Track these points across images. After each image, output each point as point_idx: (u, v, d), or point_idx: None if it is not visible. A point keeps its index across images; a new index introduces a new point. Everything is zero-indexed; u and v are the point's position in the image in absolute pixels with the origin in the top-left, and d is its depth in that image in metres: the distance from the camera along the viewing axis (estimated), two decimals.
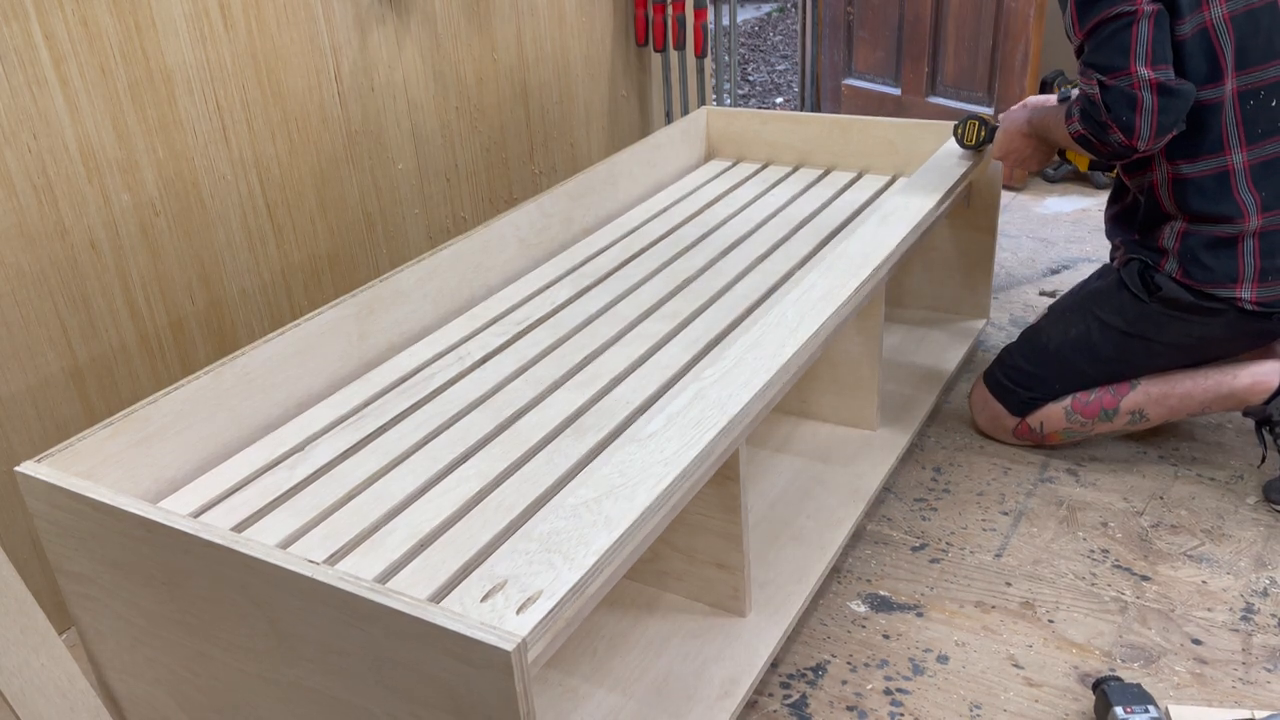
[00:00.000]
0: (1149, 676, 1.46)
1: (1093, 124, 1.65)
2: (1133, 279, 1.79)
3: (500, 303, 1.85)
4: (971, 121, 2.06)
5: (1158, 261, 1.77)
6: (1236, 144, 1.69)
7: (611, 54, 2.66)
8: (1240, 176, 1.69)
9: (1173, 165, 1.72)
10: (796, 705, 1.45)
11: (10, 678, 1.14)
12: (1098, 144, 1.67)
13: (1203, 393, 1.82)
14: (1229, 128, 1.68)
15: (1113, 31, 1.62)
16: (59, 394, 1.57)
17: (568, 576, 1.00)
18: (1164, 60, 1.61)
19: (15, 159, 1.46)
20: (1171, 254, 1.75)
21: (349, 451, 1.44)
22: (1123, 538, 1.73)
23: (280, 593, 1.03)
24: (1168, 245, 1.75)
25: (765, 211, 2.18)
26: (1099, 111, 1.63)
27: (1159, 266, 1.77)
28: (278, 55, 1.80)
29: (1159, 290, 1.76)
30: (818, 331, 1.46)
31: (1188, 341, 1.80)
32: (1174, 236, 1.74)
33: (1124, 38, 1.60)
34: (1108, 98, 1.62)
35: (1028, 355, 1.92)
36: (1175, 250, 1.74)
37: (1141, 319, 1.80)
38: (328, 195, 1.95)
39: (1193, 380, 1.83)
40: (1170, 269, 1.75)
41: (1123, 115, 1.61)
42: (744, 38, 5.99)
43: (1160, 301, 1.77)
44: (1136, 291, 1.79)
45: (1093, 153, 1.71)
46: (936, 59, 3.35)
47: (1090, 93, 1.64)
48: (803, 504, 1.73)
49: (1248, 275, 1.70)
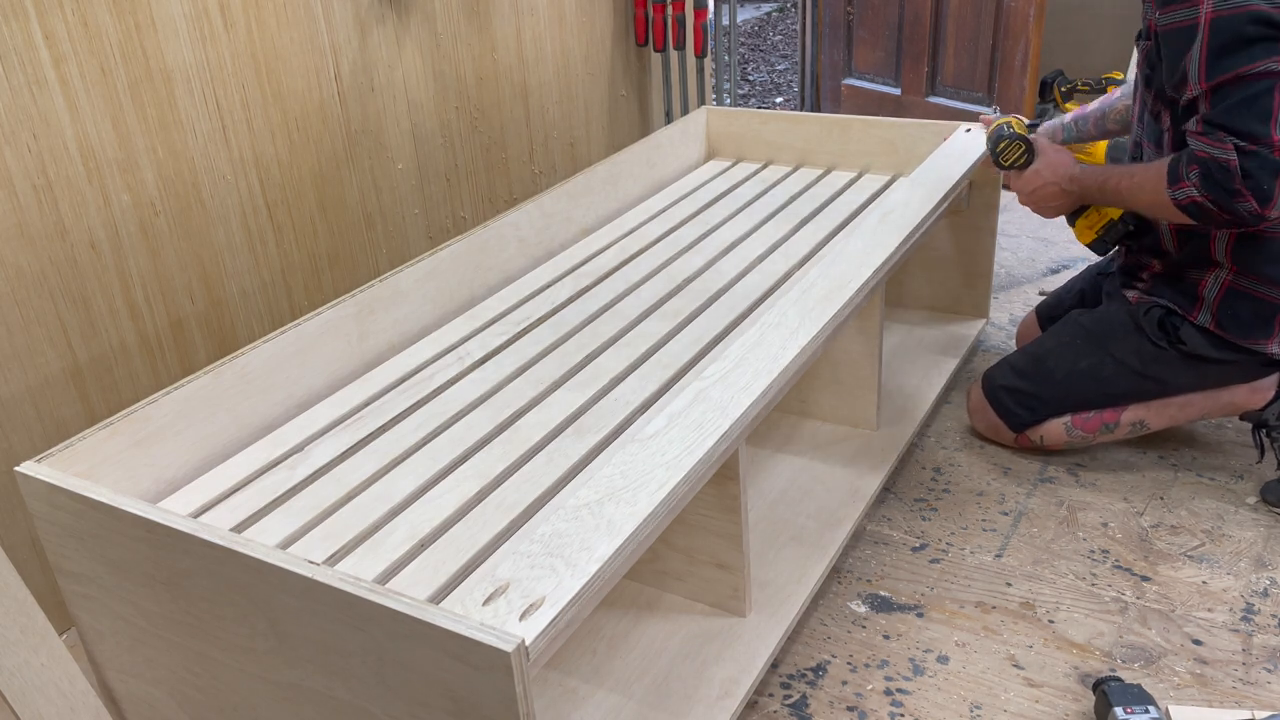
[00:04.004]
0: (1149, 677, 1.46)
1: (1220, 190, 1.51)
2: (1152, 326, 1.76)
3: (500, 303, 1.85)
4: (1015, 143, 1.86)
5: (1189, 309, 1.72)
6: None
7: (611, 54, 2.66)
8: None
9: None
10: (796, 705, 1.45)
11: (10, 678, 1.14)
12: (1217, 211, 1.53)
13: (1202, 400, 1.82)
14: None
15: (1254, 94, 1.48)
16: (59, 394, 1.56)
17: (570, 583, 1.00)
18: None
19: (15, 159, 1.46)
20: (1208, 305, 1.70)
21: (349, 451, 1.44)
22: (1123, 538, 1.73)
23: (280, 593, 1.03)
24: (1208, 295, 1.70)
25: (765, 211, 2.18)
26: (1232, 179, 1.49)
27: (1190, 315, 1.72)
28: (278, 55, 1.80)
29: (1181, 343, 1.73)
30: (818, 332, 1.46)
31: (1200, 383, 1.80)
32: (1217, 287, 1.69)
33: (1266, 102, 1.47)
34: (1248, 164, 1.48)
35: (1031, 379, 1.89)
36: (1215, 302, 1.69)
37: (1156, 363, 1.78)
38: (328, 195, 1.95)
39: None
40: (1203, 320, 1.71)
41: (1264, 184, 1.48)
42: (744, 38, 5.99)
43: (1180, 352, 1.75)
44: (1155, 339, 1.76)
45: (1201, 219, 1.57)
46: (936, 59, 3.35)
47: (1223, 159, 1.50)
48: (803, 504, 1.73)
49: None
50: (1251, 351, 1.72)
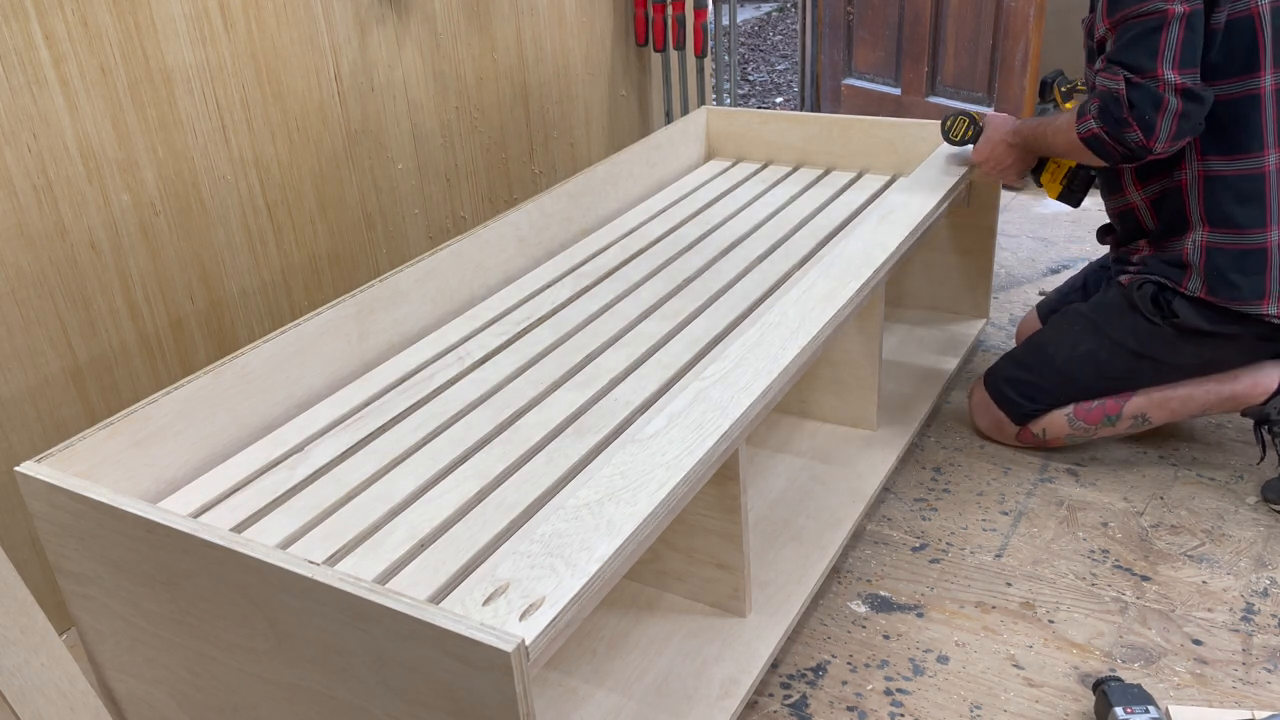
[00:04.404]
0: (1149, 677, 1.46)
1: (1112, 121, 1.61)
2: (1145, 302, 1.77)
3: (500, 303, 1.85)
4: (961, 118, 2.05)
5: (1179, 279, 1.73)
6: (1274, 143, 1.65)
7: (611, 54, 2.66)
8: (1274, 180, 1.66)
9: (1205, 162, 1.69)
10: (796, 705, 1.45)
11: (10, 678, 1.14)
12: (1111, 143, 1.63)
13: (1203, 395, 1.82)
14: (1268, 125, 1.65)
15: (1143, 31, 1.58)
16: (59, 394, 1.56)
17: (570, 584, 1.00)
18: (1192, 64, 1.58)
19: (15, 159, 1.46)
20: (1196, 270, 1.71)
21: (349, 451, 1.44)
22: (1123, 538, 1.73)
23: (280, 593, 1.03)
24: (1192, 260, 1.71)
25: (765, 211, 2.18)
26: (1121, 108, 1.59)
27: (1180, 285, 1.72)
28: (278, 55, 1.80)
29: (1175, 316, 1.74)
30: (818, 332, 1.46)
31: (1197, 362, 1.79)
32: (1198, 250, 1.70)
33: (1154, 40, 1.57)
34: (1133, 95, 1.58)
35: (1032, 367, 1.90)
36: (1201, 266, 1.70)
37: (1153, 341, 1.78)
38: (328, 195, 1.95)
39: (1194, 383, 1.82)
40: (1193, 287, 1.71)
41: (1146, 114, 1.58)
42: (744, 38, 5.99)
43: (1173, 326, 1.75)
44: (1149, 315, 1.76)
45: (1101, 153, 1.66)
46: (936, 59, 3.35)
47: (1114, 89, 1.60)
48: (803, 504, 1.73)
49: (1274, 291, 1.68)
50: (1246, 317, 1.71)
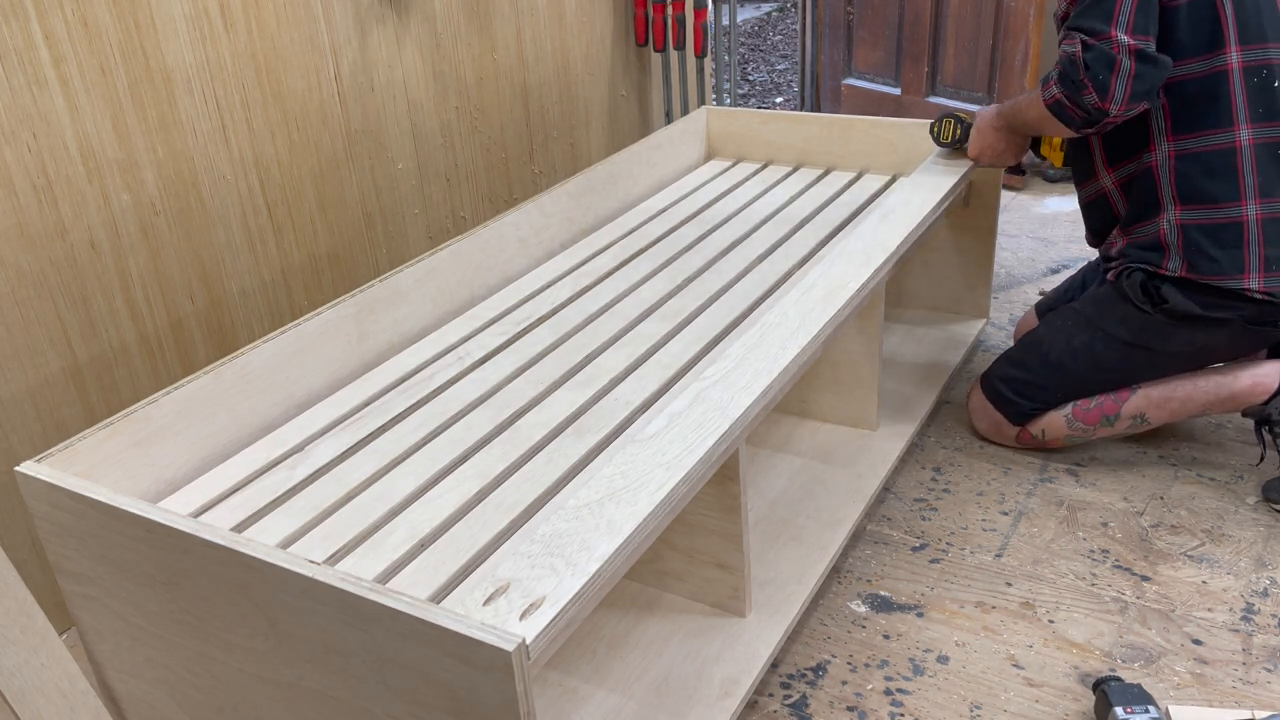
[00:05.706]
0: (1149, 677, 1.46)
1: (1070, 84, 1.66)
2: (1134, 290, 1.77)
3: (500, 303, 1.85)
4: (947, 120, 2.07)
5: (1160, 262, 1.74)
6: (1244, 119, 1.68)
7: (611, 54, 2.66)
8: (1246, 154, 1.68)
9: (1176, 141, 1.71)
10: (796, 705, 1.45)
11: (10, 678, 1.14)
12: (1071, 107, 1.67)
13: (1203, 395, 1.82)
14: (1237, 100, 1.67)
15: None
16: (59, 394, 1.56)
17: (571, 583, 1.00)
18: (1146, 31, 1.62)
19: (15, 159, 1.46)
20: (1174, 250, 1.73)
21: (349, 451, 1.44)
22: (1123, 538, 1.73)
23: (280, 593, 1.03)
24: (1169, 240, 1.73)
25: (765, 211, 2.18)
26: (1077, 70, 1.64)
27: (1162, 266, 1.74)
28: (278, 55, 1.80)
29: (1164, 302, 1.75)
30: (818, 332, 1.46)
31: (1190, 350, 1.79)
32: (1173, 229, 1.73)
33: (1109, 4, 1.62)
34: (1088, 56, 1.63)
35: (1028, 366, 1.90)
36: (1179, 246, 1.72)
37: (1145, 329, 1.78)
38: (328, 195, 1.95)
39: (1193, 383, 1.82)
40: (1174, 267, 1.73)
41: (1100, 75, 1.62)
42: (744, 38, 5.99)
43: (1164, 313, 1.76)
44: (1139, 303, 1.77)
45: (1064, 120, 1.70)
46: (936, 59, 3.35)
47: (1071, 52, 1.65)
48: (803, 504, 1.73)
49: (1254, 265, 1.69)
50: (1232, 295, 1.71)
